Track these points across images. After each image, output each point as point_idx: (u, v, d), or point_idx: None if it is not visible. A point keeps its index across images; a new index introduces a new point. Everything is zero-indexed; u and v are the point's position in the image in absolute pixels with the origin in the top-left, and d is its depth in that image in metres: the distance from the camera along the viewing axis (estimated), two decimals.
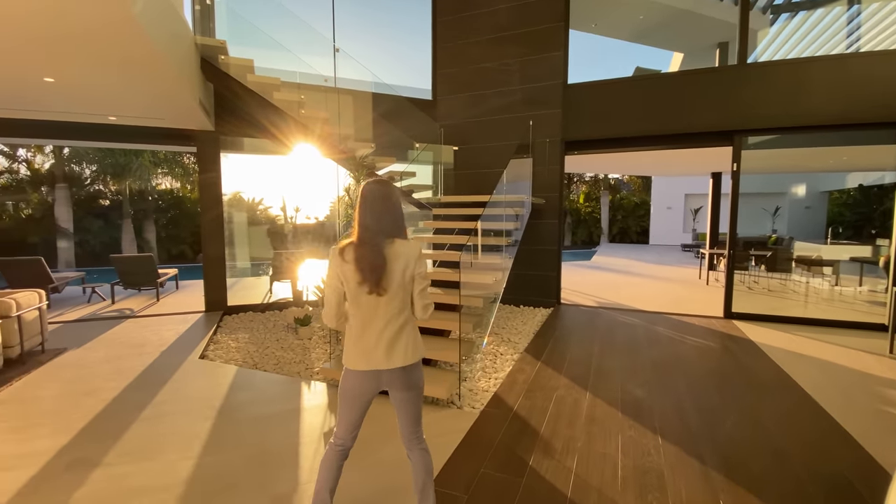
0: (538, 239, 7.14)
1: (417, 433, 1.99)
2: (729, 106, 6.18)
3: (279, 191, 16.57)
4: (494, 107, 7.25)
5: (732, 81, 6.17)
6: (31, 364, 4.33)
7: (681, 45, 11.80)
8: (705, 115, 6.28)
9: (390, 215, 1.83)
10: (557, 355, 4.69)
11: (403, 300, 1.85)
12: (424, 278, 1.88)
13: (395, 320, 1.84)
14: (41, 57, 3.60)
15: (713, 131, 6.33)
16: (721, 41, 10.58)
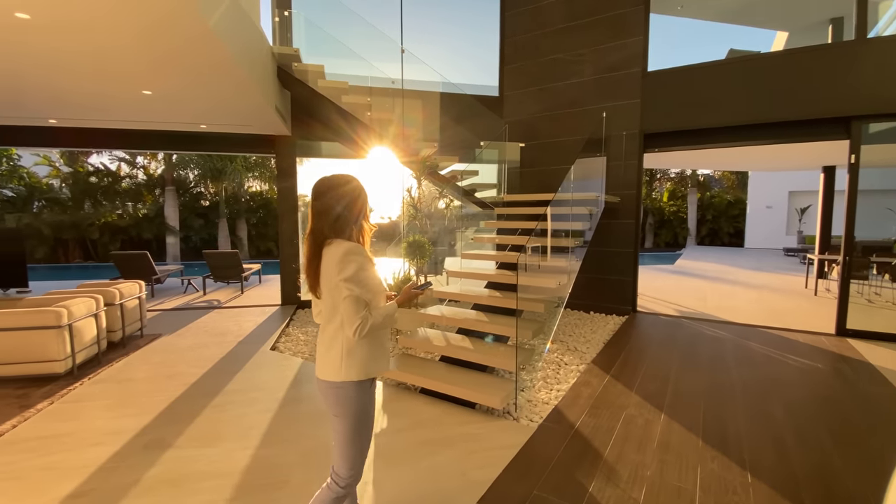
0: (612, 240, 6.64)
1: (333, 466, 1.76)
2: (845, 89, 5.24)
3: None
4: (565, 100, 6.87)
5: (850, 60, 5.23)
6: (130, 347, 4.86)
7: (785, 23, 10.37)
8: (816, 100, 5.40)
9: (327, 213, 1.67)
10: (630, 369, 4.27)
11: (333, 307, 1.67)
12: (351, 287, 1.60)
13: (326, 327, 1.72)
14: (140, 73, 4.00)
15: (826, 118, 5.41)
16: (834, 16, 9.14)
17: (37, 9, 2.74)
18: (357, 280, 1.61)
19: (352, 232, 1.71)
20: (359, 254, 1.64)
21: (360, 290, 1.61)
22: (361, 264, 1.64)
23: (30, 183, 16.12)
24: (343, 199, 1.69)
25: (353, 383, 1.67)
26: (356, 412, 1.69)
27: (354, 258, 1.62)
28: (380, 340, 1.77)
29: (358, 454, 1.72)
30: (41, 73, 3.97)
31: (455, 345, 3.80)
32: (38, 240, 15.80)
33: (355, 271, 1.61)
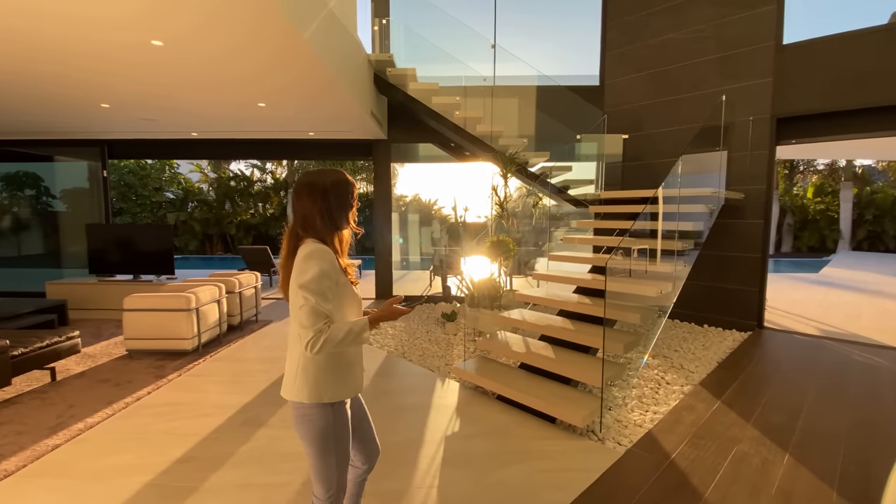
0: (734, 243, 5.75)
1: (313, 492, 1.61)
2: None
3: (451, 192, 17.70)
4: (678, 84, 6.11)
5: None
6: (246, 331, 5.49)
7: None
8: None
9: (298, 212, 1.53)
10: (748, 396, 3.63)
11: (293, 315, 1.52)
12: (307, 296, 1.40)
13: (291, 336, 1.56)
14: (255, 87, 4.47)
15: None
16: None
17: (169, 39, 3.19)
18: (314, 288, 1.40)
19: (327, 234, 1.53)
20: (321, 258, 1.44)
21: (317, 300, 1.39)
22: (323, 270, 1.43)
23: (185, 187, 19.29)
24: (319, 198, 1.51)
25: (309, 405, 1.50)
26: (314, 436, 1.51)
27: (316, 262, 1.43)
28: (345, 360, 1.56)
29: (331, 473, 1.55)
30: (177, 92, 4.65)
31: (536, 352, 3.58)
32: (191, 235, 18.84)
33: (313, 277, 1.41)
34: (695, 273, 5.95)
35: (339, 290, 1.50)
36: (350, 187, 1.59)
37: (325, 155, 8.10)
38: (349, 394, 1.57)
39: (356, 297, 1.61)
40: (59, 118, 5.92)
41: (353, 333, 1.44)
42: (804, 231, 18.50)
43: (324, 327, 1.39)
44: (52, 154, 8.04)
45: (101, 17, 2.86)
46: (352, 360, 1.60)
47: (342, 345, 1.43)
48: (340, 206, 1.55)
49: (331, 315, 1.44)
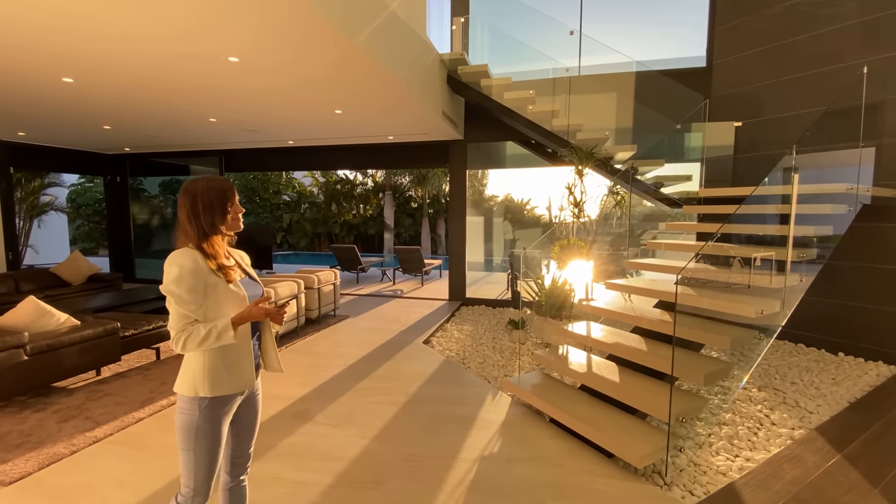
0: (883, 253, 4.55)
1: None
2: None
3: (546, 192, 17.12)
4: (808, 59, 5.02)
5: None
6: (322, 325, 5.81)
7: None
8: None
9: (179, 218, 1.57)
10: (882, 451, 2.78)
11: None
12: (167, 297, 1.49)
13: None
14: (329, 96, 4.69)
15: None
16: None
17: (244, 56, 3.45)
18: (172, 290, 1.48)
19: (197, 238, 1.55)
20: (178, 262, 1.48)
21: (176, 301, 1.47)
22: (180, 274, 1.47)
23: (299, 190, 21.40)
24: (189, 202, 1.55)
25: (183, 397, 1.56)
26: (180, 429, 1.56)
27: (173, 266, 1.48)
28: (228, 358, 1.58)
29: (190, 470, 1.58)
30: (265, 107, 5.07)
31: (598, 374, 3.17)
32: (303, 233, 20.84)
33: (171, 280, 1.48)
34: (828, 288, 4.86)
35: (210, 292, 1.53)
36: (222, 193, 1.59)
37: (407, 160, 8.23)
38: (228, 390, 1.58)
39: (236, 297, 1.59)
40: (181, 132, 6.89)
41: (212, 335, 1.48)
42: None
43: (187, 327, 1.48)
44: (184, 164, 9.44)
45: (174, 35, 3.19)
46: (236, 357, 1.60)
47: (205, 344, 1.48)
48: (210, 211, 1.56)
49: (193, 315, 1.49)
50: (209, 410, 1.56)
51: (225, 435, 1.64)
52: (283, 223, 20.61)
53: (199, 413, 1.55)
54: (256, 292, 1.71)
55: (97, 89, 4.41)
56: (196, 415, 1.54)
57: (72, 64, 3.66)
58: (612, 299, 4.07)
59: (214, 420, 1.57)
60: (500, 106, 5.68)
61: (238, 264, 1.71)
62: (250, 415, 1.76)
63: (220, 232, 1.60)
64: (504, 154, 8.01)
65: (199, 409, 1.55)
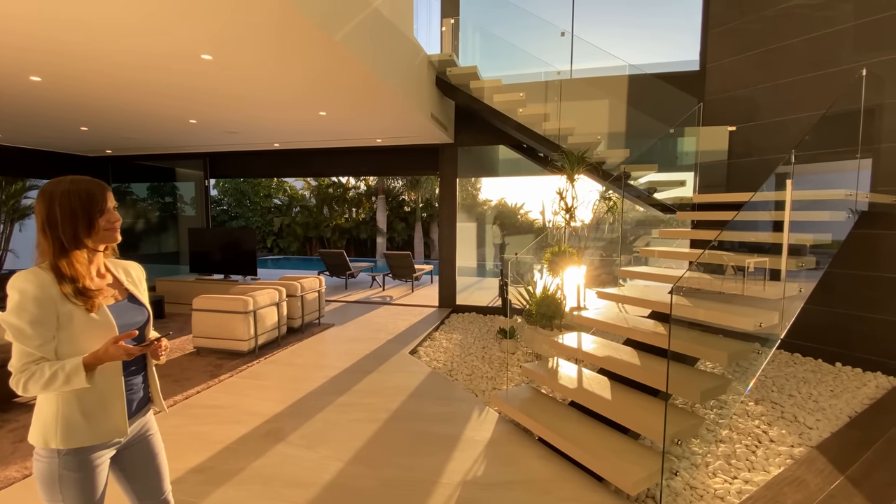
0: (882, 261, 4.43)
1: None
2: None
3: (540, 196, 17.02)
4: (804, 62, 4.92)
5: None
6: (306, 334, 5.61)
7: None
8: None
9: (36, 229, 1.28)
10: (886, 471, 2.63)
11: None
12: (7, 329, 1.20)
13: None
14: (311, 96, 4.51)
15: None
16: None
17: (217, 53, 3.27)
18: (11, 322, 1.20)
19: (52, 253, 1.26)
20: (19, 287, 1.20)
21: (15, 335, 1.20)
22: (21, 301, 1.19)
23: (290, 194, 21.16)
24: (45, 209, 1.26)
25: (38, 448, 1.28)
26: (39, 483, 1.28)
27: (14, 291, 1.20)
28: (89, 402, 1.29)
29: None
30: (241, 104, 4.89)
31: (589, 389, 3.00)
32: (294, 237, 20.58)
33: (10, 309, 1.20)
34: (825, 297, 4.74)
35: (64, 322, 1.24)
36: (89, 197, 1.29)
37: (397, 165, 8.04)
38: (87, 441, 1.29)
39: (100, 328, 1.29)
40: (162, 134, 6.68)
41: (58, 377, 1.20)
42: None
43: (28, 366, 1.20)
44: (170, 167, 9.20)
45: (135, 26, 3.00)
46: (99, 402, 1.31)
47: (52, 387, 1.19)
48: (72, 220, 1.26)
49: (38, 352, 1.21)
50: (79, 462, 1.28)
51: (103, 482, 1.34)
52: (274, 227, 20.35)
53: (60, 460, 1.27)
54: (135, 320, 1.41)
55: (67, 89, 4.21)
56: (55, 462, 1.27)
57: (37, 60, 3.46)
58: (603, 309, 3.91)
59: (82, 467, 1.29)
60: (489, 109, 5.54)
61: (117, 283, 1.42)
62: (144, 460, 1.48)
63: (85, 246, 1.29)
64: (497, 159, 7.88)
65: (58, 456, 1.27)
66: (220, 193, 21.02)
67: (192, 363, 4.53)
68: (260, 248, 21.05)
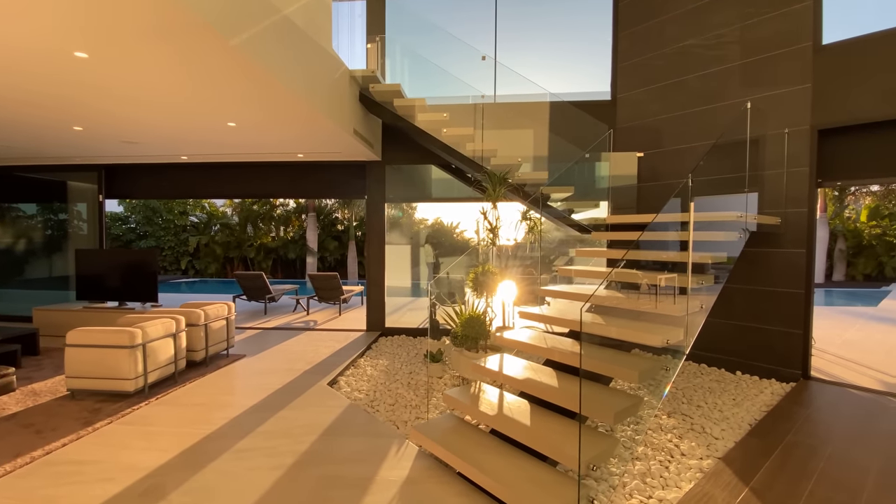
0: (771, 276, 4.88)
1: None
2: None
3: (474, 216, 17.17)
4: (699, 96, 5.41)
5: None
6: (210, 367, 5.03)
7: None
8: None
9: None
10: (786, 480, 2.78)
11: None
12: None
13: None
14: (213, 105, 4.13)
15: None
16: None
17: (94, 51, 2.85)
18: None
19: None
20: None
21: None
22: None
23: (210, 211, 19.68)
24: None
25: None
26: None
27: None
28: None
29: None
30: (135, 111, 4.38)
31: (509, 416, 2.89)
32: (212, 258, 19.06)
33: None
34: (725, 310, 5.10)
35: None
36: None
37: (322, 184, 7.61)
38: None
39: None
40: (43, 142, 5.83)
41: None
42: (859, 258, 16.76)
43: None
44: (59, 179, 8.07)
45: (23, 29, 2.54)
46: None
47: None
48: None
49: None
50: None
51: None
52: (190, 247, 18.72)
53: None
54: None
55: None
56: None
57: None
58: (527, 328, 3.88)
59: None
60: (414, 127, 5.47)
61: None
62: None
63: None
64: (430, 179, 7.81)
65: None
66: (127, 210, 19.04)
67: (62, 409, 3.83)
68: (173, 271, 19.21)
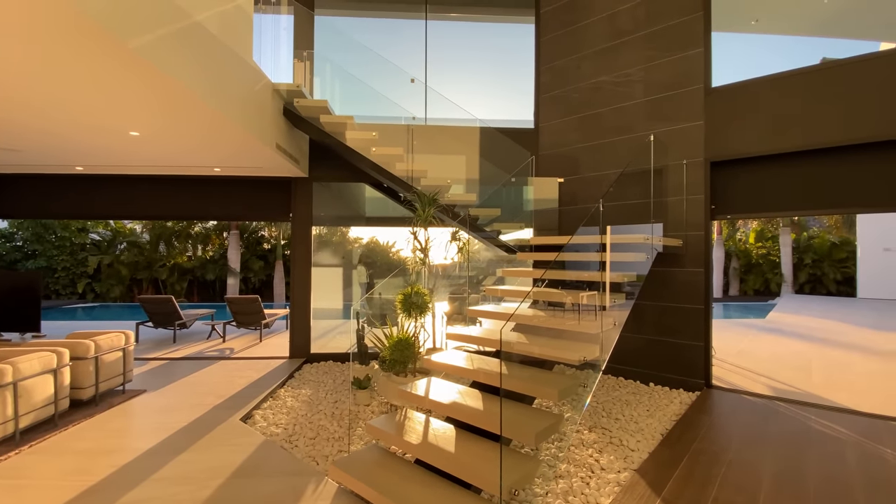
0: (676, 294, 5.30)
1: None
2: None
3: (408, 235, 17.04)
4: (611, 127, 5.87)
5: None
6: (101, 406, 4.41)
7: (891, 32, 8.67)
8: None
9: None
10: (693, 487, 2.95)
11: None
12: None
13: None
14: (109, 113, 3.73)
15: None
16: None
17: None
18: None
19: None
20: None
21: None
22: None
23: (115, 227, 17.76)
24: None
25: None
26: None
27: None
28: None
29: None
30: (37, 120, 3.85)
31: (433, 443, 2.81)
32: (116, 279, 17.12)
33: None
34: (637, 326, 5.46)
35: None
36: None
37: (242, 205, 7.07)
38: None
39: None
40: None
41: None
42: (749, 275, 18.99)
43: None
44: None
45: None
46: None
47: None
48: None
49: None
50: None
51: None
52: (89, 268, 16.67)
53: None
54: None
55: None
56: None
57: None
58: (456, 350, 3.85)
59: None
60: (343, 145, 5.35)
61: None
62: None
63: None
64: (363, 197, 7.65)
65: None
66: (12, 226, 16.62)
67: None
68: (67, 295, 16.95)
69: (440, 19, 7.27)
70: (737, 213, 5.24)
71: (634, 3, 5.72)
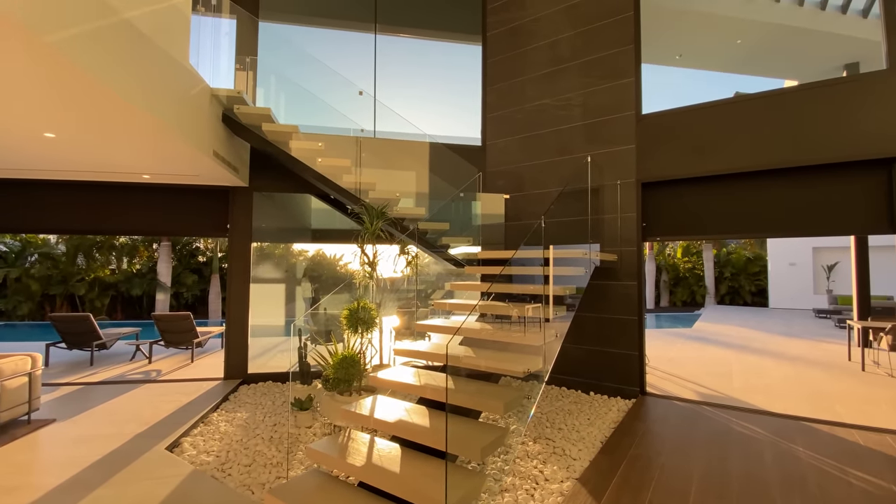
0: (612, 306, 5.59)
1: None
2: (886, 125, 4.39)
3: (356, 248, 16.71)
4: (553, 148, 6.15)
5: (888, 93, 4.41)
6: (2, 439, 3.87)
7: (795, 71, 9.89)
8: (850, 139, 4.53)
9: None
10: (629, 493, 3.09)
11: None
12: None
13: None
14: (22, 112, 3.38)
15: (863, 160, 4.51)
16: (849, 62, 8.62)
17: None
18: None
19: None
20: None
21: None
22: None
23: (25, 238, 15.94)
24: None
25: None
26: None
27: None
28: None
29: None
30: None
31: (379, 464, 2.73)
32: (24, 295, 15.33)
33: None
34: (577, 337, 5.68)
35: None
36: None
37: (175, 221, 6.57)
38: None
39: None
40: None
41: None
42: (678, 287, 20.47)
43: None
44: None
45: None
46: None
47: None
48: None
49: None
50: None
51: None
52: None
53: None
54: None
55: None
56: None
57: None
58: (404, 366, 3.80)
59: None
60: (286, 155, 5.19)
61: None
62: None
63: None
64: (308, 209, 7.41)
65: None
66: None
67: None
68: None
69: (390, 34, 7.33)
70: (664, 236, 5.64)
71: (573, 33, 6.09)
